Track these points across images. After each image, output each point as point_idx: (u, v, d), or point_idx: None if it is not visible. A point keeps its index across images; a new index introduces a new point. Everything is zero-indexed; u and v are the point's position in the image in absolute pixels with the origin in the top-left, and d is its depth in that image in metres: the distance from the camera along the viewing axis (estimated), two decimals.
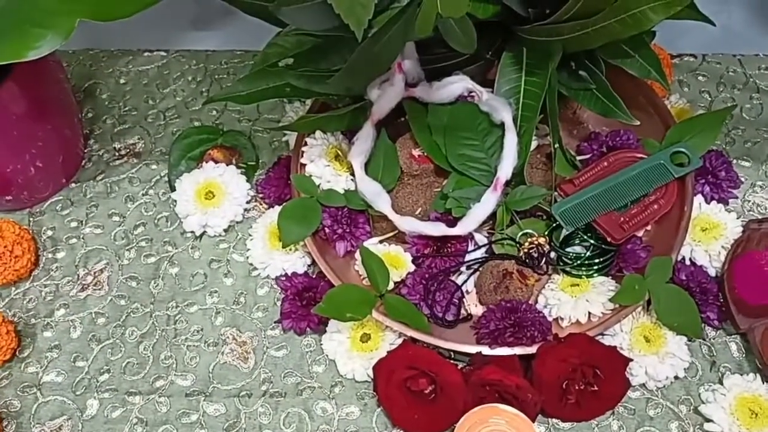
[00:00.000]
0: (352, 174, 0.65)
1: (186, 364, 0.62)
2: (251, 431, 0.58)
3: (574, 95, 0.64)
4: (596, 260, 0.61)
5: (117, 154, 0.75)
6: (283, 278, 0.65)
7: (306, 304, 0.62)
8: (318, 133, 0.67)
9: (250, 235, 0.67)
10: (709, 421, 0.57)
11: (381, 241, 0.65)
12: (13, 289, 0.67)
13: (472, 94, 0.64)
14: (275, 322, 0.63)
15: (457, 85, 0.64)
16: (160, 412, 0.60)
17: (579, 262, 0.61)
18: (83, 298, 0.66)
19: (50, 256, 0.68)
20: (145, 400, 0.60)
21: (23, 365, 0.62)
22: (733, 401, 0.57)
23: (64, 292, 0.66)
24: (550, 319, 0.60)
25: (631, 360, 0.57)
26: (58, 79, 0.69)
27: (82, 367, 0.62)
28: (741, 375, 0.59)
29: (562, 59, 0.61)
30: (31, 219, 0.71)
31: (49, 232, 0.70)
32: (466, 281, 0.62)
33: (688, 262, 0.64)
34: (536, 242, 0.61)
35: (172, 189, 0.70)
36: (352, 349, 0.60)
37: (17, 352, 0.63)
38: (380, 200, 0.63)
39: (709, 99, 0.77)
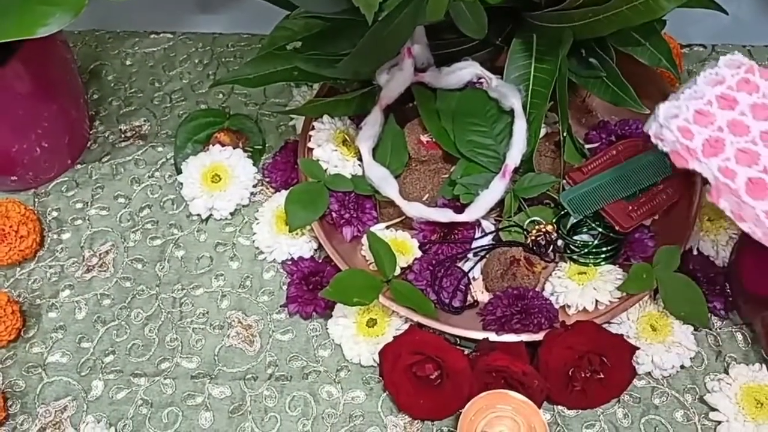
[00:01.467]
0: (360, 159, 0.64)
1: (191, 347, 0.62)
2: (256, 414, 0.58)
3: (584, 83, 0.64)
4: (604, 248, 0.61)
5: (123, 135, 0.75)
6: (290, 262, 0.64)
7: (312, 289, 0.62)
8: (325, 118, 0.66)
9: (256, 219, 0.67)
10: (714, 410, 0.57)
11: (388, 227, 0.65)
12: (18, 269, 0.66)
13: (482, 80, 0.64)
14: (281, 306, 0.63)
15: (466, 70, 0.64)
16: (165, 393, 0.60)
17: (586, 250, 0.61)
18: (88, 280, 0.66)
19: (55, 237, 0.68)
20: (150, 382, 0.60)
21: (28, 345, 0.62)
22: (739, 391, 0.57)
23: (69, 273, 0.66)
24: (556, 306, 0.60)
25: (638, 348, 0.57)
26: (64, 59, 0.68)
27: (87, 348, 0.62)
28: (747, 365, 0.59)
29: (573, 46, 0.61)
30: (36, 200, 0.71)
31: (55, 213, 0.70)
32: (473, 268, 0.62)
33: (695, 252, 0.63)
34: (544, 230, 0.61)
35: (178, 172, 0.70)
36: (358, 334, 0.60)
37: (22, 332, 0.63)
38: (388, 186, 0.63)
39: None
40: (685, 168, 0.49)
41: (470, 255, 0.63)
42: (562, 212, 0.62)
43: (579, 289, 0.59)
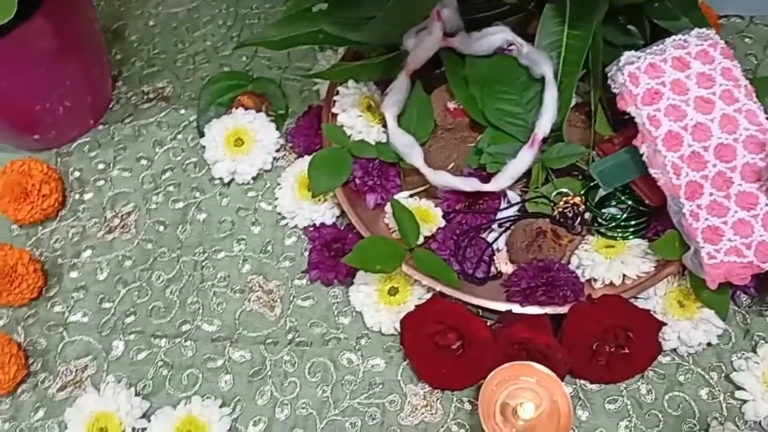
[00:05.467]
0: (385, 125, 0.63)
1: (212, 310, 0.62)
2: (276, 378, 0.58)
3: (621, 52, 0.62)
4: (632, 222, 0.60)
5: (145, 97, 0.74)
6: (312, 228, 0.64)
7: (334, 255, 0.62)
8: (350, 83, 0.65)
9: (278, 184, 0.66)
10: (740, 389, 0.56)
11: (411, 195, 0.64)
12: (40, 228, 0.67)
13: (512, 46, 0.62)
14: (302, 272, 0.63)
15: (496, 36, 0.62)
16: (185, 356, 0.60)
17: (615, 223, 0.60)
18: (110, 241, 0.66)
19: (77, 197, 0.68)
20: (170, 344, 0.60)
21: (49, 304, 0.63)
22: (767, 370, 0.56)
23: (91, 233, 0.66)
24: (582, 280, 0.59)
25: (665, 324, 0.56)
26: (88, 17, 0.68)
27: (108, 308, 0.62)
28: None
29: (610, 13, 0.59)
30: (58, 159, 0.70)
31: (77, 173, 0.69)
32: (497, 239, 0.61)
33: None
34: (571, 202, 0.60)
35: (201, 135, 0.69)
36: (380, 302, 0.59)
37: (44, 291, 0.63)
38: (413, 153, 0.61)
39: (755, 62, 0.74)
40: (624, 110, 0.56)
41: (495, 226, 0.62)
42: (591, 184, 0.60)
43: (606, 262, 0.58)
